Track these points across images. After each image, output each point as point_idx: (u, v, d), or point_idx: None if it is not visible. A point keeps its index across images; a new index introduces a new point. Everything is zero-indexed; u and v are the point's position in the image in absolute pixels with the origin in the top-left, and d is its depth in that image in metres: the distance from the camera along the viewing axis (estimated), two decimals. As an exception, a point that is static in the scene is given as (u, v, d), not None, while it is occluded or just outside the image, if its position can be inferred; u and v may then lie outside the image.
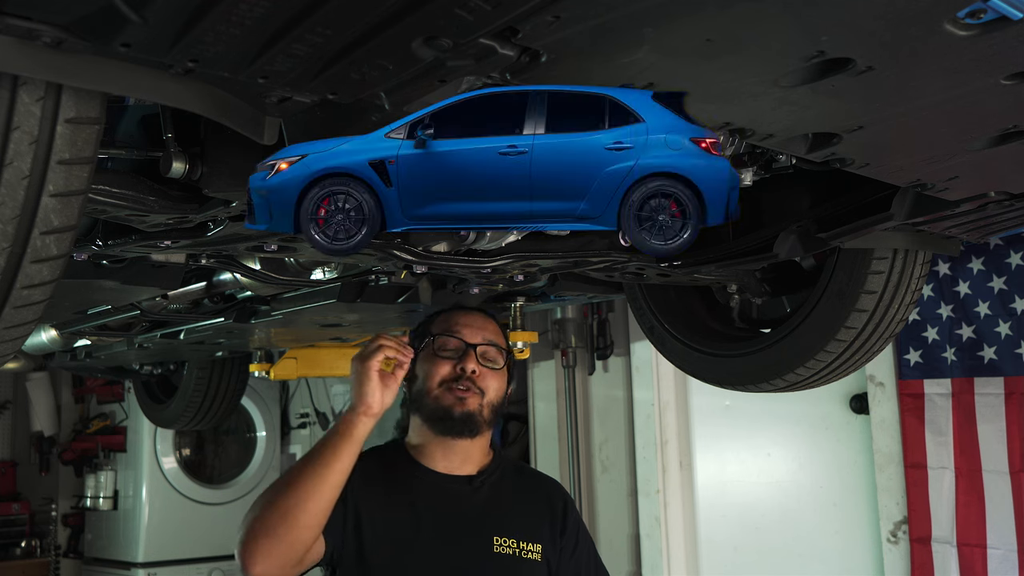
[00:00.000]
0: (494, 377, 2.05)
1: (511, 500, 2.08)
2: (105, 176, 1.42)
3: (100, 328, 3.07)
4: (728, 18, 0.99)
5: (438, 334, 2.06)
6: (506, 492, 2.08)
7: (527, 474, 2.21)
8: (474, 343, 2.04)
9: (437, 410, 2.00)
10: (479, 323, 2.09)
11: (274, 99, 1.13)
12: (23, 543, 6.64)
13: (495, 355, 2.06)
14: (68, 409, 7.12)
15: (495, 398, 2.04)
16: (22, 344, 1.40)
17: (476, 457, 2.07)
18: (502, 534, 1.99)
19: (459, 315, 2.11)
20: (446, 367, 2.02)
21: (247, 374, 4.50)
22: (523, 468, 2.24)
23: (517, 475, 2.15)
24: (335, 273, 2.30)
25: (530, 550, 1.99)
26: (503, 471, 2.11)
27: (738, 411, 4.27)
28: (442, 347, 2.04)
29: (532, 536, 2.02)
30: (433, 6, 0.91)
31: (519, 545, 1.98)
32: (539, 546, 2.01)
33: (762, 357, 2.53)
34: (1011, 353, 3.25)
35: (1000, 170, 1.62)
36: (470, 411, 1.99)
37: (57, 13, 0.91)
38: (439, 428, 2.01)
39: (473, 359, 2.02)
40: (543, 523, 2.06)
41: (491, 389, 2.03)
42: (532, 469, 2.30)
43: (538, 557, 2.00)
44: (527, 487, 2.14)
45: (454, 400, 1.99)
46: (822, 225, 2.00)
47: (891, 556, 3.59)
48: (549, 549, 2.02)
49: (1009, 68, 1.14)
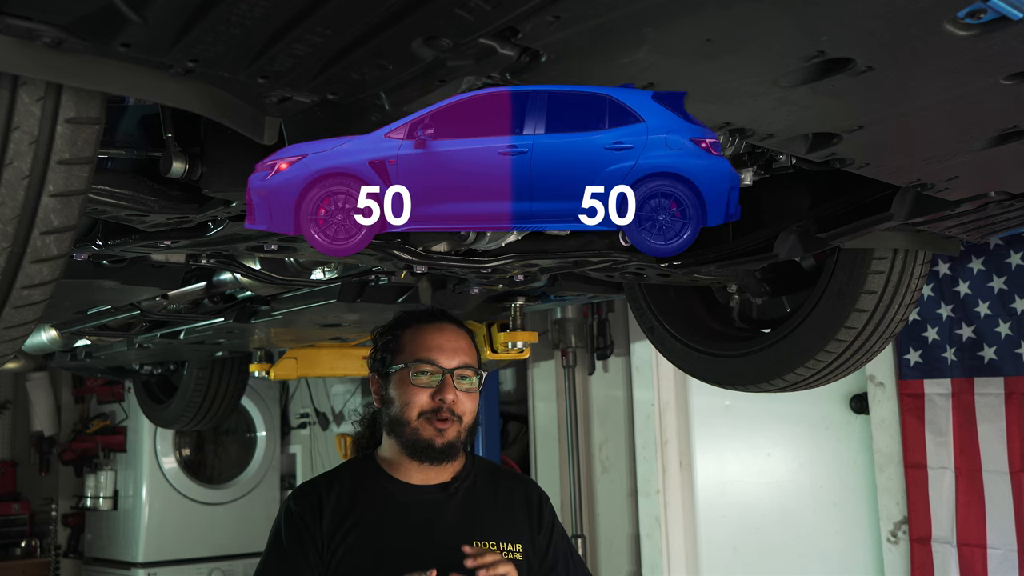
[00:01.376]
0: (470, 399, 2.01)
1: (488, 503, 2.06)
2: (105, 176, 1.42)
3: (100, 328, 3.07)
4: (728, 18, 0.99)
5: (412, 361, 1.99)
6: (482, 495, 2.07)
7: (501, 475, 2.18)
8: (450, 367, 1.98)
9: (418, 442, 1.97)
10: (452, 342, 2.02)
11: (274, 99, 1.13)
12: (23, 543, 6.64)
13: (471, 376, 2.01)
14: (68, 409, 7.12)
15: (471, 420, 2.02)
16: (22, 344, 1.40)
17: (450, 466, 2.04)
18: (484, 537, 1.97)
19: (432, 334, 2.03)
20: (423, 396, 1.97)
21: (247, 374, 4.49)
22: (497, 469, 2.21)
23: (491, 477, 2.13)
24: (335, 273, 2.30)
25: (510, 550, 1.98)
26: (476, 475, 2.10)
27: (738, 411, 4.27)
28: (418, 373, 1.98)
29: (512, 536, 2.01)
30: (433, 6, 0.91)
31: (499, 546, 1.97)
32: (519, 545, 2.00)
33: (762, 357, 2.53)
34: (1011, 353, 3.25)
35: (1000, 170, 1.62)
36: (450, 441, 1.97)
37: (57, 13, 0.91)
38: (419, 458, 1.99)
39: (451, 387, 1.97)
40: (522, 522, 2.06)
41: (467, 413, 2.00)
42: (506, 469, 2.27)
43: (519, 556, 1.99)
44: (503, 488, 2.11)
45: (434, 432, 1.96)
46: (822, 225, 2.00)
47: (891, 556, 3.59)
48: (528, 547, 2.02)
49: (1009, 68, 1.14)
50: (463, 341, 2.06)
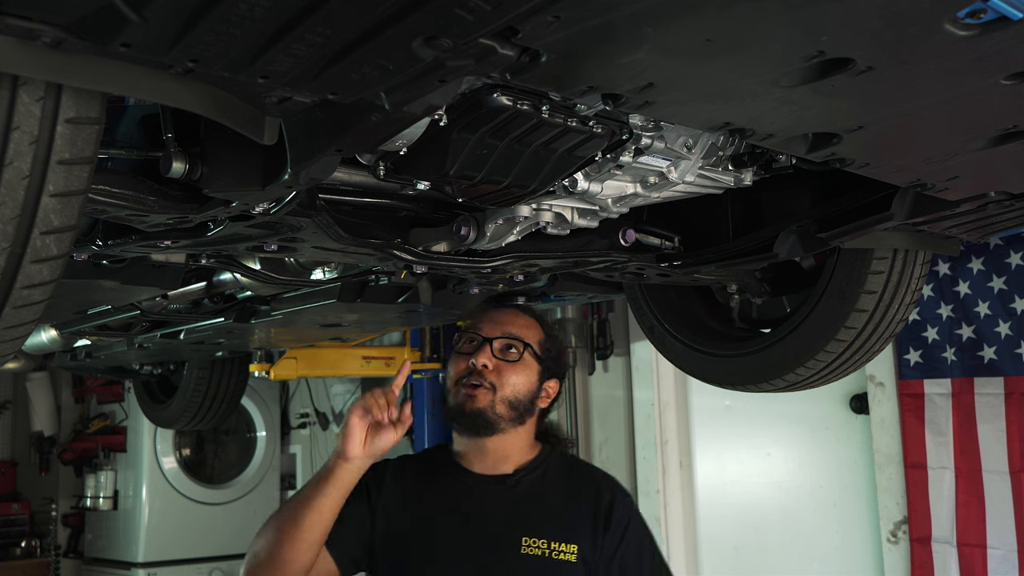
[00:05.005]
0: (512, 371, 1.98)
1: (550, 498, 1.99)
2: (105, 176, 1.41)
3: (100, 328, 3.07)
4: (728, 18, 0.99)
5: (461, 332, 2.03)
6: (547, 490, 2.00)
7: (577, 470, 2.09)
8: (491, 336, 1.98)
9: (452, 407, 1.98)
10: (505, 317, 2.04)
11: (274, 99, 1.13)
12: (23, 543, 6.64)
13: (516, 347, 1.99)
14: (68, 409, 7.12)
15: (512, 394, 1.97)
16: (22, 344, 1.40)
17: (514, 455, 2.01)
18: (532, 534, 1.91)
19: (489, 311, 2.07)
20: (462, 363, 1.98)
21: (247, 374, 4.50)
22: (575, 464, 2.13)
23: (565, 471, 2.05)
24: (335, 273, 2.30)
25: (562, 551, 1.90)
26: (548, 467, 2.03)
27: (738, 411, 4.27)
28: (463, 343, 2.01)
29: (567, 536, 1.92)
30: (433, 6, 0.91)
31: (550, 546, 1.90)
32: (574, 547, 1.91)
33: (762, 357, 2.53)
34: (1011, 353, 3.25)
35: (1000, 170, 1.62)
36: (479, 408, 1.94)
37: (57, 13, 0.91)
38: (456, 426, 1.99)
39: (486, 353, 1.96)
40: (584, 522, 1.95)
41: (506, 384, 1.96)
42: (586, 464, 2.18)
43: (572, 558, 1.90)
44: (573, 484, 2.03)
45: (465, 397, 1.95)
46: (822, 225, 2.00)
47: (891, 556, 3.59)
48: (588, 549, 1.92)
49: (1009, 68, 1.14)
50: (520, 319, 2.05)
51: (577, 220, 1.91)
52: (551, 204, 1.86)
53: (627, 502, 2.02)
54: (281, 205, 1.52)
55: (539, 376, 2.04)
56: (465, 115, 1.35)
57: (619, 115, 1.49)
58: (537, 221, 1.87)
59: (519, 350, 2.00)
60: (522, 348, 2.01)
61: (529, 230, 1.91)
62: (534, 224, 1.88)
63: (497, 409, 1.95)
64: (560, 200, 1.85)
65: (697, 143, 1.68)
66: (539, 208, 1.85)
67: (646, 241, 2.27)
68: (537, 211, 1.85)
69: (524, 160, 1.49)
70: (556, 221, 1.89)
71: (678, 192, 1.86)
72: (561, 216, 1.89)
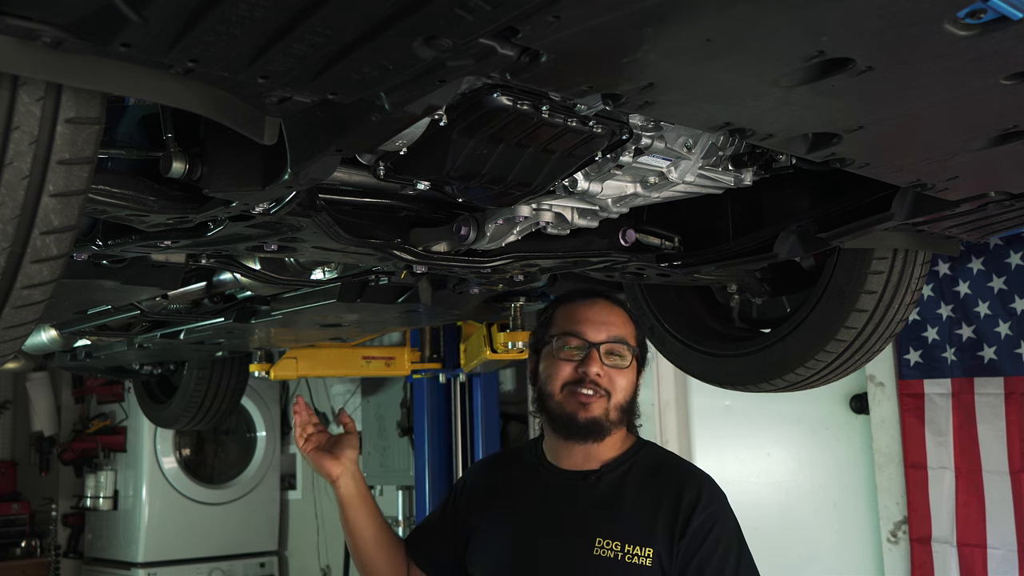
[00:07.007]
0: (621, 376, 1.89)
1: (632, 497, 1.88)
2: (105, 176, 1.41)
3: (100, 328, 3.07)
4: (728, 18, 0.99)
5: (560, 334, 1.90)
6: (628, 488, 1.89)
7: (665, 469, 1.95)
8: (597, 341, 1.87)
9: (561, 416, 1.88)
10: (603, 316, 1.92)
11: (274, 99, 1.13)
12: (23, 543, 6.63)
13: (622, 351, 1.90)
14: (68, 409, 7.11)
15: (624, 398, 1.90)
16: (22, 344, 1.40)
17: (601, 452, 1.92)
18: (606, 535, 1.82)
19: (582, 307, 1.93)
20: (567, 368, 1.87)
21: (247, 374, 4.49)
22: (664, 462, 1.98)
23: (652, 468, 1.93)
24: (335, 273, 2.30)
25: (636, 554, 1.79)
26: (633, 464, 1.93)
27: (738, 411, 4.27)
28: (563, 346, 1.89)
29: (643, 539, 1.80)
30: (433, 6, 0.91)
31: (623, 548, 1.80)
32: (650, 550, 1.79)
33: (762, 357, 2.53)
34: (1011, 353, 3.25)
35: (1000, 170, 1.62)
36: (595, 417, 1.85)
37: (57, 13, 0.91)
38: (563, 433, 1.90)
39: (596, 360, 1.86)
40: (663, 525, 1.82)
41: (619, 390, 1.88)
42: (678, 462, 2.03)
43: (647, 562, 1.78)
44: (656, 483, 1.90)
45: (577, 406, 1.85)
46: (822, 225, 2.00)
47: (891, 556, 3.59)
48: (664, 554, 1.80)
49: (1009, 68, 1.14)
50: (615, 316, 1.95)
51: (577, 220, 1.91)
52: (551, 204, 1.86)
53: (712, 508, 1.88)
54: (281, 205, 1.52)
55: (637, 372, 1.97)
56: (465, 115, 1.35)
57: (619, 115, 1.49)
58: (537, 221, 1.87)
59: (627, 354, 1.91)
60: (628, 352, 1.91)
61: (529, 230, 1.91)
62: (534, 224, 1.88)
63: (611, 416, 1.88)
64: (560, 200, 1.85)
65: (697, 143, 1.68)
66: (539, 208, 1.85)
67: (646, 241, 2.28)
68: (537, 211, 1.85)
69: (524, 160, 1.50)
70: (556, 221, 1.89)
71: (678, 192, 1.86)
72: (561, 216, 1.89)
